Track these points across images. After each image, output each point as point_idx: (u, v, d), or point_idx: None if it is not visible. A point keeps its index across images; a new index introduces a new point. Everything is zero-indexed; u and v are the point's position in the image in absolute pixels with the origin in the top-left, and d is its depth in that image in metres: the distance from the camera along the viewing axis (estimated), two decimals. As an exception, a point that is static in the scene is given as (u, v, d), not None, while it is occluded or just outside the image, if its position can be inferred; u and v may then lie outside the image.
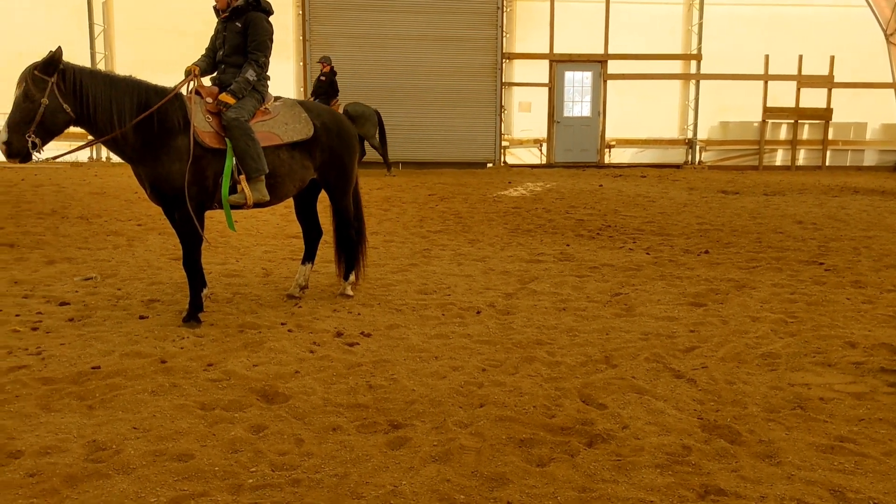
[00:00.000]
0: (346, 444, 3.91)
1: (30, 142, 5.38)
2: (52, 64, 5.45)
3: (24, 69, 5.50)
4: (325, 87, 17.75)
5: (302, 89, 20.51)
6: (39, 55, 5.55)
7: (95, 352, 5.23)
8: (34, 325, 5.85)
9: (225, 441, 3.93)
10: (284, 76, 20.32)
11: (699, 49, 21.64)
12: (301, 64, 20.64)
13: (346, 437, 4.02)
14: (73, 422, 4.12)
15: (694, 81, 21.87)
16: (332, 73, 17.98)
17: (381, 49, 20.43)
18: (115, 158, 20.29)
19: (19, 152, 5.39)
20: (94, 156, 20.59)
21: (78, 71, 5.63)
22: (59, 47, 5.57)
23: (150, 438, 3.94)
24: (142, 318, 6.12)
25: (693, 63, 21.82)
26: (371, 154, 18.20)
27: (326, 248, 7.25)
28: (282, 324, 6.04)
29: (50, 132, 5.52)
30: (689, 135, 22.16)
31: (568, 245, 9.58)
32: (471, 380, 4.84)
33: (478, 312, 6.45)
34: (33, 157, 5.45)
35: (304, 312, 6.40)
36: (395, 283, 7.46)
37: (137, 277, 7.54)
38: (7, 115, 5.43)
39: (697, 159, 22.19)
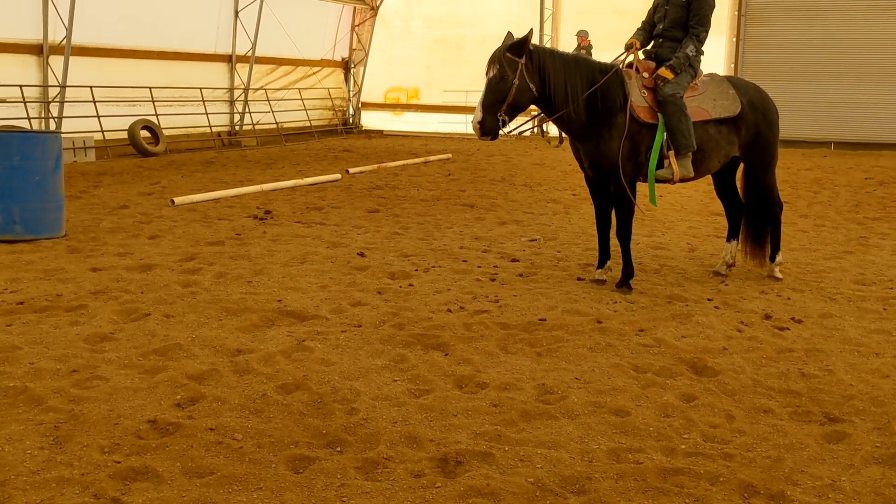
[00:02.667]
0: (778, 429, 3.75)
1: (500, 120, 5.74)
2: (523, 46, 5.69)
3: (493, 51, 5.77)
4: None
5: (732, 65, 19.63)
6: (499, 38, 5.88)
7: (541, 305, 5.66)
8: (492, 276, 6.50)
9: (657, 404, 4.02)
10: (715, 52, 19.60)
11: None
12: (734, 40, 19.73)
13: (778, 421, 3.85)
14: (525, 365, 4.53)
15: None
16: (589, 46, 17.61)
17: (824, 22, 18.66)
18: (553, 132, 21.45)
19: (491, 130, 5.70)
20: (535, 130, 21.96)
21: (541, 51, 5.85)
22: (531, 29, 5.95)
23: (590, 390, 4.17)
24: (579, 279, 6.46)
25: None
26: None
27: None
28: (708, 299, 5.94)
29: (516, 110, 5.81)
30: None
31: None
32: (920, 383, 4.31)
33: (927, 311, 5.68)
34: (500, 132, 5.85)
35: (731, 290, 6.21)
36: (828, 270, 6.88)
37: (574, 242, 7.96)
38: (481, 96, 5.73)
39: None
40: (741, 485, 3.22)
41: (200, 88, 17.39)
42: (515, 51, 5.69)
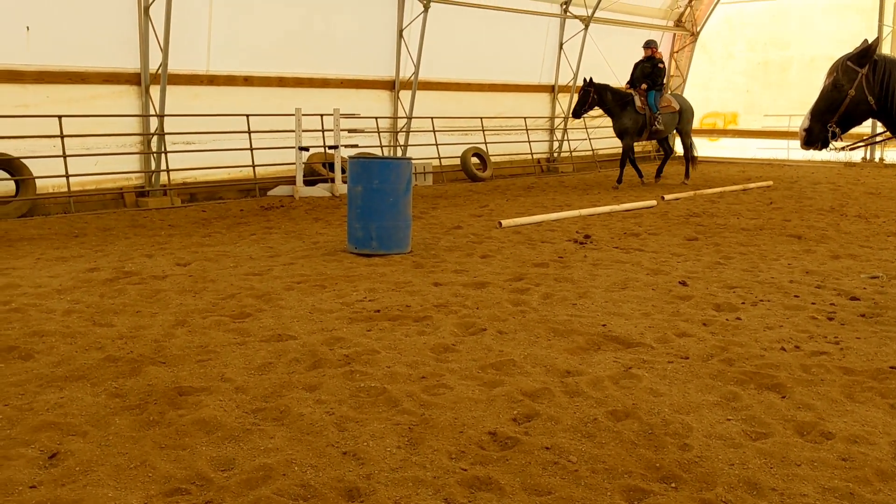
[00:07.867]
0: None
1: (830, 131, 5.24)
2: (866, 55, 5.14)
3: (836, 59, 5.31)
4: (648, 73, 14.66)
5: None
6: (829, 59, 5.33)
7: (891, 351, 4.96)
8: (829, 314, 5.85)
9: None
10: None
11: None
12: None
13: None
14: (877, 417, 3.98)
15: None
16: (659, 60, 14.82)
17: None
18: (889, 160, 19.08)
19: (818, 139, 5.24)
20: (867, 156, 19.64)
21: (889, 63, 5.20)
22: (877, 38, 5.32)
23: (961, 456, 3.54)
24: (937, 325, 5.57)
25: None
26: None
27: None
28: None
29: (849, 122, 5.27)
30: None
31: None
32: None
33: None
34: (830, 145, 5.31)
35: None
36: None
37: (926, 282, 6.91)
38: (812, 105, 5.31)
39: None
40: None
41: (524, 118, 18.05)
42: (857, 60, 5.18)
